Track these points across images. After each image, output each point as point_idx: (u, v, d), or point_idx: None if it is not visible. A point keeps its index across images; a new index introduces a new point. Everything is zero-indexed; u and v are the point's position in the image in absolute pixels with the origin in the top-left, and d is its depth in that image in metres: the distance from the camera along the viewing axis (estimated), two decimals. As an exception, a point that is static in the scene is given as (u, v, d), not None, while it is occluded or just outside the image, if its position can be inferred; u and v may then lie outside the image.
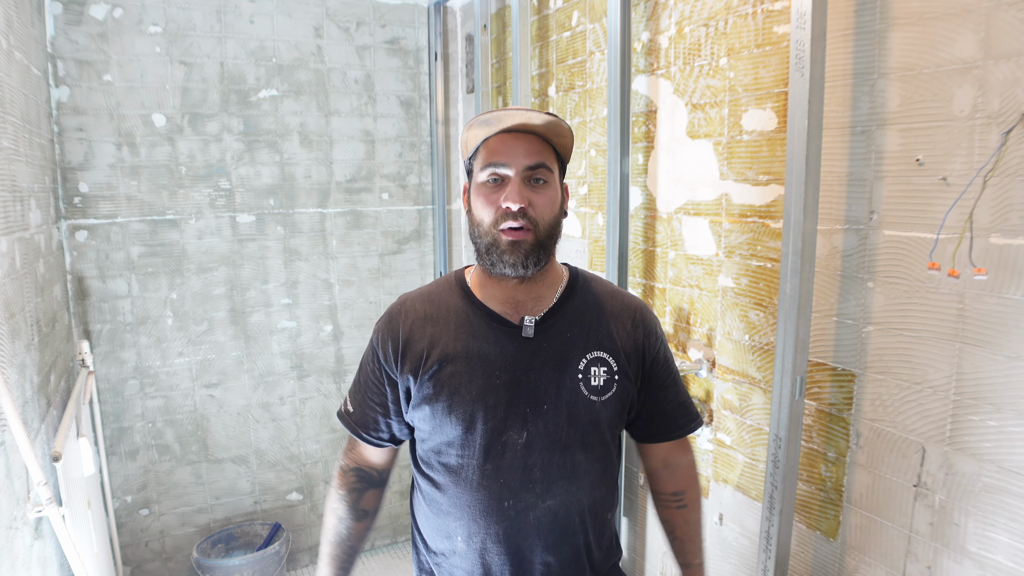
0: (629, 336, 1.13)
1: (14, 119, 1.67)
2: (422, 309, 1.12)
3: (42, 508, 1.43)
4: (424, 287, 1.18)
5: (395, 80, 2.94)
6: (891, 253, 1.23)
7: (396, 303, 1.17)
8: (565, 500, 1.08)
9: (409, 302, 1.15)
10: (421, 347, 1.09)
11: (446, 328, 1.09)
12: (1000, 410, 1.08)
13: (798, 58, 1.21)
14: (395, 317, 1.13)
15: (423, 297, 1.15)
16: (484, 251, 1.05)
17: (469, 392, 1.06)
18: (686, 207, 1.71)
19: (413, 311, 1.13)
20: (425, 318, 1.11)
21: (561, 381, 1.08)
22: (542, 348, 1.08)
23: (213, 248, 2.69)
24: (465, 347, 1.07)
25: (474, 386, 1.06)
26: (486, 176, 1.03)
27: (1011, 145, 1.03)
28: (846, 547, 1.37)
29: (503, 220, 1.02)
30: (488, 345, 1.07)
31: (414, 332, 1.10)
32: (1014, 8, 1.01)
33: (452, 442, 1.08)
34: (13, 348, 1.46)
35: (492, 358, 1.07)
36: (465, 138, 1.08)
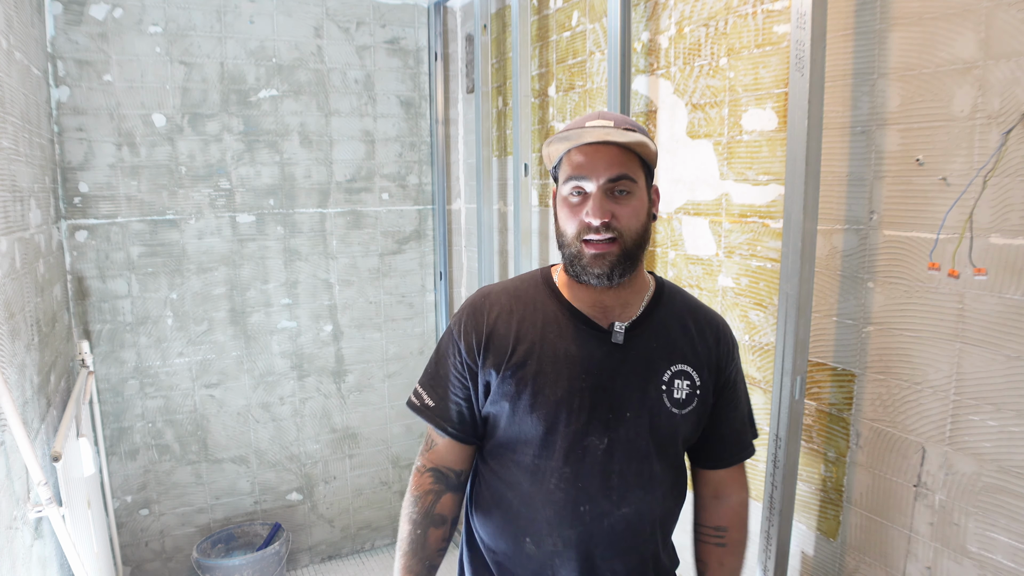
0: (711, 352, 1.13)
1: (14, 119, 1.67)
2: (507, 303, 1.10)
3: (42, 508, 1.43)
4: (507, 282, 1.15)
5: (395, 80, 2.94)
6: (891, 253, 1.23)
7: (478, 295, 1.13)
8: (640, 509, 1.08)
9: (494, 295, 1.12)
10: (506, 341, 1.07)
11: (532, 325, 1.08)
12: (1000, 410, 1.08)
13: (798, 58, 1.21)
14: (479, 308, 1.10)
15: (508, 292, 1.12)
16: (569, 261, 1.05)
17: (554, 392, 1.04)
18: (686, 207, 1.71)
19: (498, 304, 1.10)
20: (511, 312, 1.09)
21: (646, 390, 1.07)
22: (629, 355, 1.07)
23: (213, 248, 2.69)
24: (552, 346, 1.06)
25: (559, 387, 1.04)
26: (569, 190, 1.03)
27: (1011, 145, 1.03)
28: (846, 547, 1.37)
29: (585, 232, 1.02)
30: (575, 347, 1.06)
31: (499, 325, 1.08)
32: (1014, 8, 1.01)
33: (530, 441, 1.06)
34: (13, 348, 1.46)
35: (579, 360, 1.05)
36: (548, 152, 1.07)
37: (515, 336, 1.07)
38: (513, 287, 1.13)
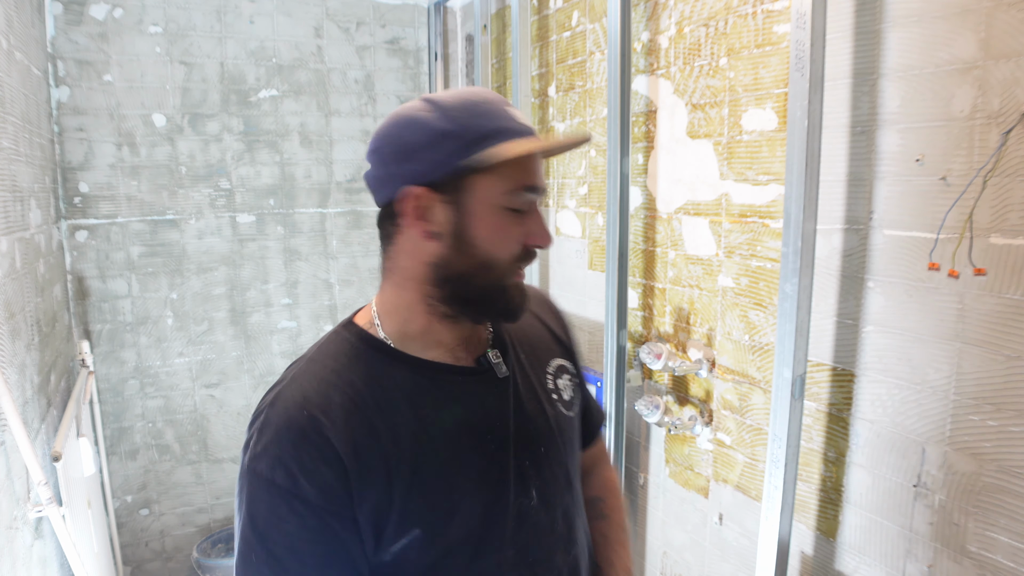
0: (562, 330, 0.98)
1: (14, 119, 1.67)
2: (341, 400, 0.75)
3: (42, 508, 1.43)
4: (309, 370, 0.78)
5: (395, 80, 2.94)
6: (891, 253, 1.23)
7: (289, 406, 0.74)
8: (583, 536, 0.92)
9: (314, 397, 0.74)
10: (380, 451, 0.73)
11: (397, 410, 0.76)
12: (1000, 410, 1.08)
13: (798, 58, 1.21)
14: (308, 429, 0.72)
15: (326, 383, 0.76)
16: (476, 296, 0.78)
17: (469, 478, 0.78)
18: (686, 207, 1.71)
19: (332, 407, 0.74)
20: (356, 408, 0.74)
21: (544, 410, 0.88)
22: (516, 381, 0.86)
23: (213, 248, 2.69)
24: (437, 424, 0.78)
25: (472, 468, 0.79)
26: (514, 201, 0.76)
27: (1011, 145, 1.03)
28: (845, 547, 1.37)
29: (522, 261, 0.79)
30: (461, 409, 0.80)
31: (356, 436, 0.73)
32: (1014, 8, 1.01)
33: (463, 547, 0.78)
34: (13, 348, 1.46)
35: (474, 423, 0.80)
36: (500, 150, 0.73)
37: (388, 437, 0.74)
38: (327, 374, 0.77)
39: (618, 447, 1.87)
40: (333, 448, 0.71)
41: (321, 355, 0.80)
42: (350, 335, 0.81)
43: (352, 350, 0.80)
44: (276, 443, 0.72)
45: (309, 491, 0.70)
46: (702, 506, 1.76)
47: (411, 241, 0.78)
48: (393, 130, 0.78)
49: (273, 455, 0.71)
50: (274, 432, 0.72)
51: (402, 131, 0.77)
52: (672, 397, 1.80)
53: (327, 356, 0.80)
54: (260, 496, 0.72)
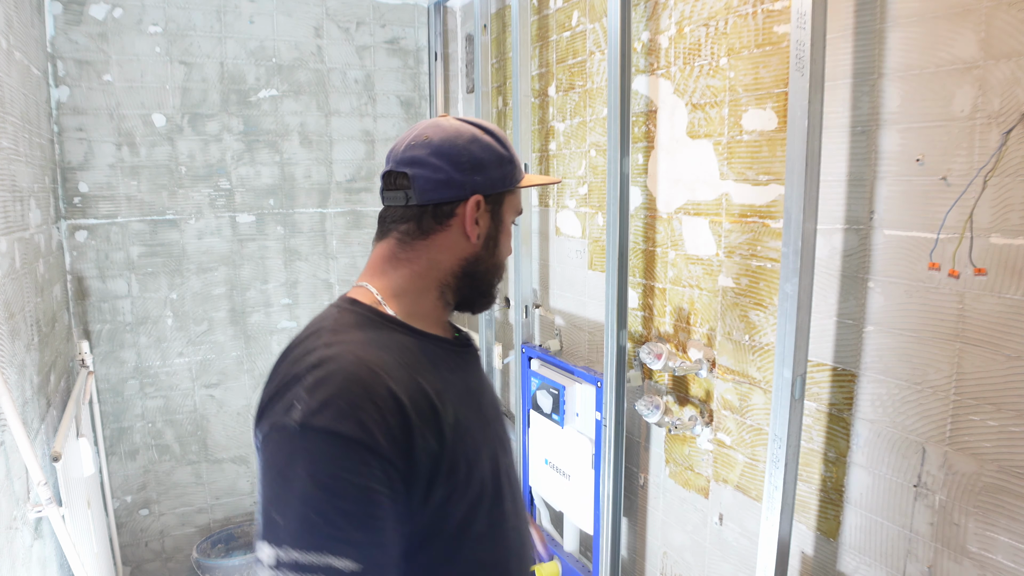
0: None
1: (14, 119, 1.67)
2: (389, 357, 0.79)
3: (42, 508, 1.43)
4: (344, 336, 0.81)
5: (395, 80, 2.94)
6: (891, 253, 1.23)
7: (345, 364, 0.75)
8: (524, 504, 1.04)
9: (370, 359, 0.77)
10: (430, 409, 0.78)
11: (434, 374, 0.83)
12: (1000, 410, 1.08)
13: (798, 58, 1.21)
14: (375, 385, 0.74)
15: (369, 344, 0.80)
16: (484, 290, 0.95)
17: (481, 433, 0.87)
18: (686, 207, 1.71)
19: (389, 369, 0.77)
20: (403, 366, 0.79)
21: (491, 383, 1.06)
22: (478, 358, 1.00)
23: (213, 248, 2.69)
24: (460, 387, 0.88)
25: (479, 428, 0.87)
26: (514, 218, 0.98)
27: (1011, 145, 1.03)
28: (846, 547, 1.37)
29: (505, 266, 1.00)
30: (465, 374, 0.92)
31: (415, 396, 0.77)
32: (1014, 8, 1.01)
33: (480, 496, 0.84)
34: (13, 348, 1.46)
35: (472, 389, 0.91)
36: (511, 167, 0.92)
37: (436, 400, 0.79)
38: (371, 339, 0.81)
39: (618, 447, 1.87)
40: (397, 399, 0.74)
41: (344, 326, 0.83)
42: (363, 311, 0.86)
43: (372, 323, 0.84)
44: (339, 396, 0.71)
45: (378, 440, 0.71)
46: (702, 506, 1.76)
47: (453, 238, 0.89)
48: (464, 143, 0.88)
49: (337, 408, 0.70)
50: (335, 387, 0.72)
51: (472, 147, 0.88)
52: (672, 397, 1.80)
53: (351, 326, 0.83)
54: (324, 450, 0.69)
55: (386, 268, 0.90)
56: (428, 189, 0.87)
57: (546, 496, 2.24)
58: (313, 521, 0.68)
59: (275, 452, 0.72)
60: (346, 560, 0.68)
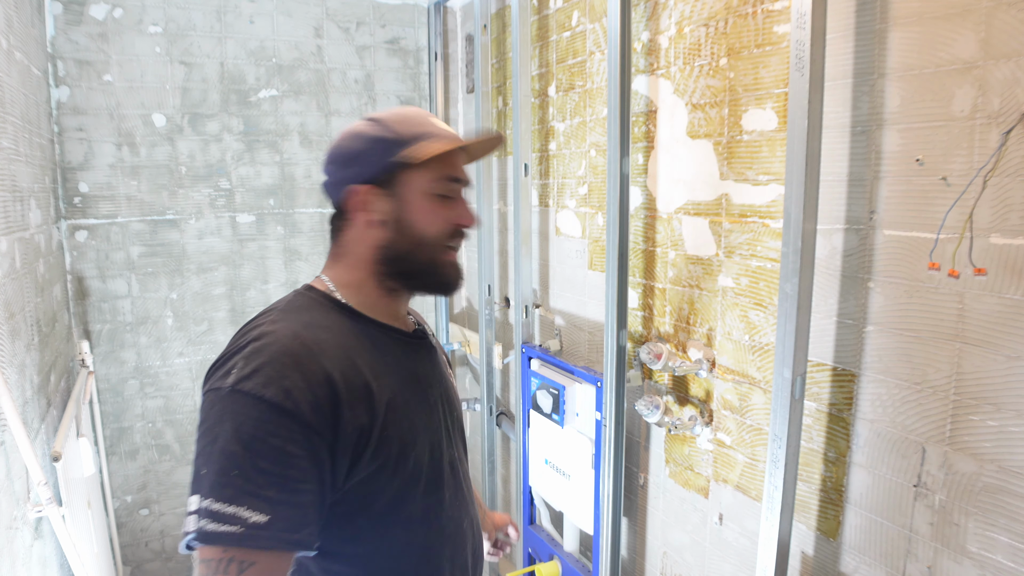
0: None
1: (14, 119, 1.67)
2: (331, 340, 0.85)
3: (42, 508, 1.43)
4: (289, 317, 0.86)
5: (395, 80, 2.94)
6: (891, 253, 1.23)
7: (283, 340, 0.81)
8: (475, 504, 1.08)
9: (305, 334, 0.83)
10: (365, 388, 0.84)
11: (372, 355, 0.89)
12: (1000, 410, 1.08)
13: (798, 58, 1.21)
14: (304, 360, 0.79)
15: (310, 325, 0.85)
16: (417, 271, 0.94)
17: (421, 421, 0.92)
18: (686, 207, 1.71)
19: (323, 345, 0.83)
20: (340, 346, 0.85)
21: (453, 384, 1.07)
22: (435, 351, 1.05)
23: (213, 248, 2.69)
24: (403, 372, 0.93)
25: (422, 414, 0.93)
26: (442, 186, 0.93)
27: (1011, 145, 1.03)
28: (846, 547, 1.37)
29: (453, 239, 0.95)
30: (416, 363, 0.97)
31: (347, 371, 0.82)
32: (1014, 8, 1.01)
33: (416, 489, 0.90)
34: (13, 348, 1.46)
35: (420, 377, 0.96)
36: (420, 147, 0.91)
37: (370, 379, 0.85)
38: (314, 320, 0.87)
39: (618, 447, 1.87)
40: (327, 373, 0.80)
41: (294, 308, 0.89)
42: (316, 295, 0.92)
43: (321, 307, 0.91)
44: (269, 365, 0.78)
45: (301, 408, 0.76)
46: (702, 506, 1.76)
47: (358, 230, 0.94)
48: (339, 143, 0.95)
49: (266, 375, 0.77)
50: (267, 357, 0.78)
51: (345, 142, 0.94)
52: (672, 397, 1.80)
53: (300, 309, 0.89)
54: (248, 412, 0.75)
55: (334, 262, 0.97)
56: (329, 193, 0.97)
57: (546, 496, 2.24)
58: (231, 475, 0.74)
59: (208, 411, 0.78)
60: (257, 514, 0.73)
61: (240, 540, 0.73)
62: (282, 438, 0.75)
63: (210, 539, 0.73)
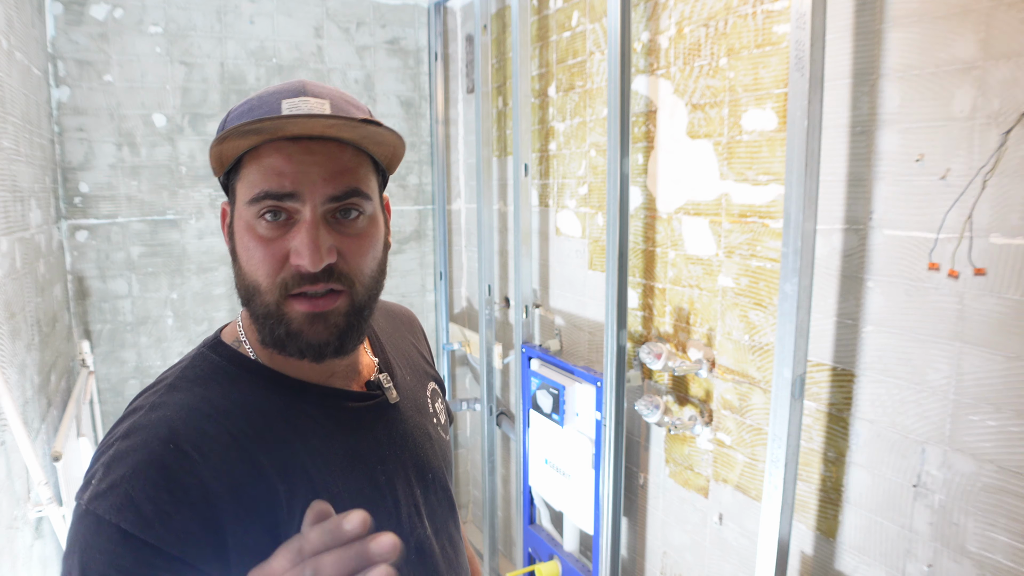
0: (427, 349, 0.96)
1: (15, 119, 1.67)
2: (216, 430, 0.63)
3: (42, 508, 1.43)
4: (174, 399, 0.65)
5: (395, 80, 2.94)
6: (891, 253, 1.23)
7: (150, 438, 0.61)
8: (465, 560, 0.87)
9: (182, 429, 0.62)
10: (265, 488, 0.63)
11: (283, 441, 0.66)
12: (1000, 410, 1.08)
13: (798, 58, 1.21)
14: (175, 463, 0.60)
15: (196, 412, 0.64)
16: (263, 323, 0.66)
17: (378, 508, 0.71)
18: (686, 207, 1.71)
19: (206, 439, 0.62)
20: (234, 441, 0.64)
21: (430, 435, 0.83)
22: (405, 407, 0.80)
23: (213, 248, 2.69)
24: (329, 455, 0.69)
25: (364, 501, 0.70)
26: (258, 212, 0.64)
27: (1011, 145, 1.03)
28: (845, 547, 1.37)
29: (294, 283, 0.64)
30: (354, 437, 0.72)
31: (236, 472, 0.62)
32: (1014, 8, 1.01)
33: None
34: (13, 348, 1.47)
35: (366, 451, 0.73)
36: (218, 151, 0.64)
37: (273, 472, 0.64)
38: (207, 403, 0.65)
39: (618, 447, 1.87)
40: (204, 488, 0.60)
41: (185, 381, 0.68)
42: (218, 356, 0.70)
43: (223, 374, 0.68)
44: (128, 480, 0.58)
45: (166, 538, 0.57)
46: (702, 506, 1.76)
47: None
48: None
49: (122, 494, 0.57)
50: (129, 468, 0.59)
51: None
52: (672, 397, 1.80)
53: (192, 382, 0.67)
54: (98, 542, 0.57)
55: None
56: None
57: (546, 496, 2.24)
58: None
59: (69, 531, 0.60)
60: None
61: None
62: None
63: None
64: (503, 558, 2.95)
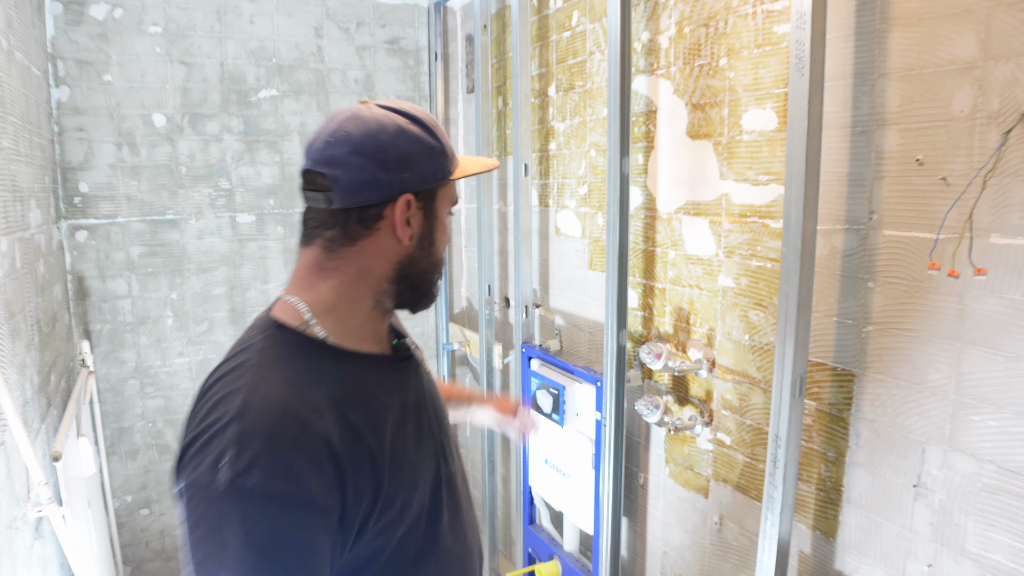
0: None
1: (14, 119, 1.67)
2: (318, 396, 0.75)
3: (42, 508, 1.43)
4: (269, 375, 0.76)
5: (395, 80, 2.94)
6: (891, 253, 1.23)
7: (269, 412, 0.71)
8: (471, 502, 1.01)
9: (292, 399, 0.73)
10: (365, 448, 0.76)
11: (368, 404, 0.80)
12: (1000, 410, 1.08)
13: (798, 58, 1.21)
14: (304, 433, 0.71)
15: (297, 384, 0.75)
16: (424, 291, 0.88)
17: (419, 455, 0.86)
18: (686, 207, 1.71)
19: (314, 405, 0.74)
20: (334, 404, 0.75)
21: (436, 388, 0.98)
22: (419, 364, 0.94)
23: (213, 248, 2.69)
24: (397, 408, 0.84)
25: (419, 445, 0.86)
26: (448, 209, 0.89)
27: (1011, 145, 1.03)
28: (846, 547, 1.37)
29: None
30: (406, 391, 0.88)
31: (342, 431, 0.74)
32: (1014, 8, 1.01)
33: (417, 519, 0.83)
34: (13, 348, 1.46)
35: (413, 402, 0.88)
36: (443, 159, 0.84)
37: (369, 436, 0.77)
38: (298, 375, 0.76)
39: (618, 447, 1.87)
40: (328, 444, 0.71)
41: (270, 359, 0.77)
42: (290, 337, 0.80)
43: (300, 351, 0.79)
44: (267, 451, 0.67)
45: (313, 493, 0.68)
46: (702, 506, 1.76)
47: (383, 241, 0.82)
48: (388, 137, 0.80)
49: (267, 464, 0.67)
50: (262, 441, 0.68)
51: (398, 141, 0.80)
52: (672, 397, 1.80)
53: (278, 359, 0.77)
54: (258, 514, 0.66)
55: (313, 280, 0.83)
56: (351, 191, 0.79)
57: (546, 496, 2.24)
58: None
59: (203, 513, 0.67)
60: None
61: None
62: (300, 532, 0.68)
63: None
64: (503, 558, 2.95)
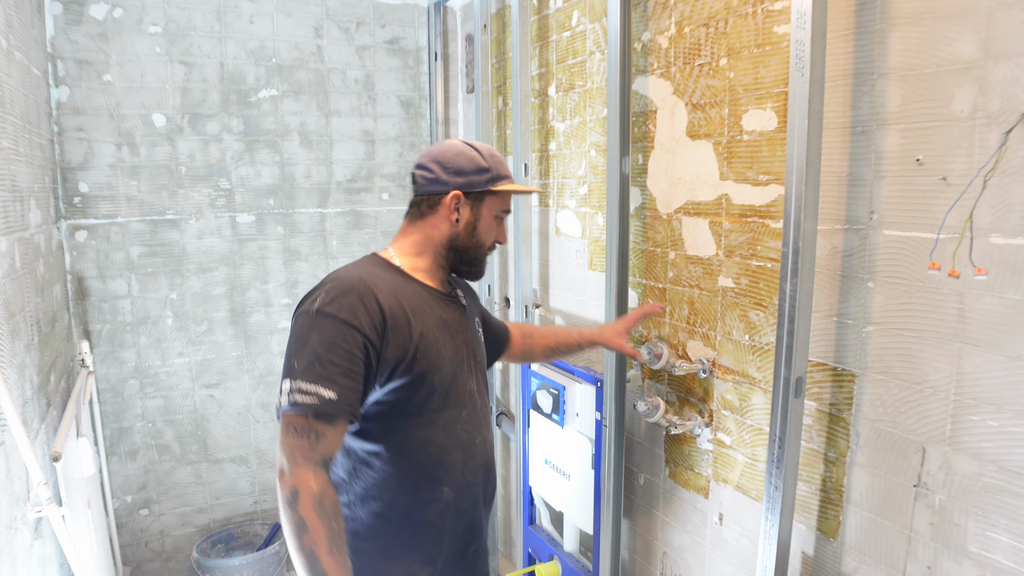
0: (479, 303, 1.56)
1: (14, 119, 1.67)
2: (386, 287, 1.20)
3: (42, 508, 1.43)
4: (357, 270, 1.22)
5: (395, 80, 2.94)
6: (891, 253, 1.23)
7: (353, 281, 1.17)
8: (491, 431, 1.43)
9: (370, 284, 1.18)
10: (406, 322, 1.20)
11: (414, 301, 1.24)
12: (1000, 410, 1.08)
13: (798, 58, 1.21)
14: (367, 296, 1.16)
15: (377, 277, 1.21)
16: (469, 261, 1.35)
17: (447, 354, 1.27)
18: (686, 207, 1.71)
19: (382, 290, 1.18)
20: (395, 295, 1.20)
21: (477, 335, 1.42)
22: (467, 310, 1.40)
23: (213, 248, 2.69)
24: (432, 317, 1.26)
25: (448, 348, 1.28)
26: (500, 213, 1.35)
27: (1011, 145, 1.03)
28: (846, 547, 1.37)
29: (491, 248, 1.38)
30: (446, 313, 1.31)
31: (394, 309, 1.18)
32: (1014, 8, 1.01)
33: (438, 402, 1.25)
34: (13, 348, 1.46)
35: (450, 323, 1.31)
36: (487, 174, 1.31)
37: (410, 316, 1.21)
38: (370, 272, 1.22)
39: (618, 447, 1.87)
40: (380, 305, 1.17)
41: (362, 264, 1.27)
42: (378, 259, 1.31)
43: (381, 265, 1.29)
44: (342, 296, 1.15)
45: (363, 326, 1.14)
46: (702, 506, 1.76)
47: (440, 221, 1.32)
48: (451, 154, 1.31)
49: (340, 303, 1.14)
50: (340, 291, 1.16)
51: (458, 158, 1.30)
52: (672, 397, 1.80)
53: (366, 264, 1.27)
54: (328, 326, 1.13)
55: (401, 237, 1.35)
56: (425, 185, 1.32)
57: (546, 496, 2.24)
58: (315, 367, 1.10)
59: (301, 325, 1.15)
60: (330, 392, 1.10)
61: (317, 408, 1.09)
62: (349, 344, 1.12)
63: (297, 407, 1.09)
64: (503, 558, 2.95)
